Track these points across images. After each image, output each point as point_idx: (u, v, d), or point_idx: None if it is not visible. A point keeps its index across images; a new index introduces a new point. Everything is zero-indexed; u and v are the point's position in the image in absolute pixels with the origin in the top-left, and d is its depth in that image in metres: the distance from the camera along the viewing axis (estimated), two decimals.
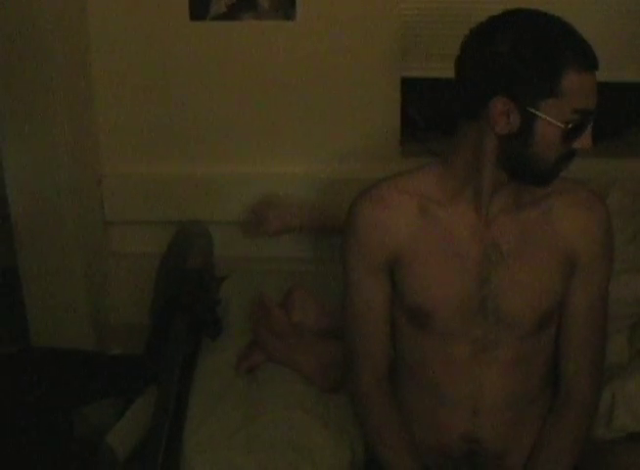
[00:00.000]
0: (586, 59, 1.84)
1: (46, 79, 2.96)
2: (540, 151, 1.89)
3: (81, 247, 3.20)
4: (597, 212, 2.08)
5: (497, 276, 2.03)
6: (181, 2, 3.06)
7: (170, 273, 2.91)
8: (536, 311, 2.05)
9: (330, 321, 2.72)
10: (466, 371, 2.08)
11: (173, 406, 2.45)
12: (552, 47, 1.84)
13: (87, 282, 3.24)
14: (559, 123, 1.85)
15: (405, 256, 2.06)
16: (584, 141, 1.88)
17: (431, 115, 3.39)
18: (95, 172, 3.27)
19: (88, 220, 3.23)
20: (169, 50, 3.14)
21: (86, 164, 3.21)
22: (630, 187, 2.93)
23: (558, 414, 2.14)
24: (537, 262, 2.04)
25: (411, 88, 3.23)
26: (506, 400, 2.09)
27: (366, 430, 2.23)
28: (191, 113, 3.21)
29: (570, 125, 1.85)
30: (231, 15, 3.07)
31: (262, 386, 2.60)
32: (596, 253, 2.08)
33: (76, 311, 3.26)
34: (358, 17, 3.05)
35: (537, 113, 1.85)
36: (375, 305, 2.12)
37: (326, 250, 3.19)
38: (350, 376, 2.23)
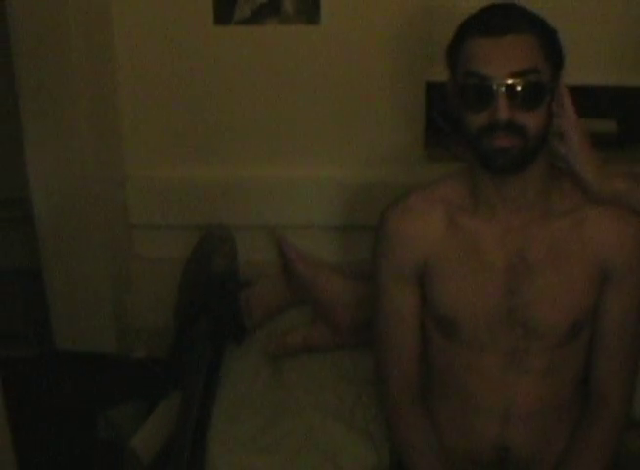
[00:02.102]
0: (484, 25, 1.89)
1: (70, 82, 2.97)
2: (462, 125, 1.96)
3: (105, 250, 3.20)
4: (631, 225, 2.05)
5: (525, 287, 2.02)
6: (206, 7, 3.06)
7: (195, 277, 2.91)
8: (566, 322, 2.03)
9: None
10: (496, 380, 2.07)
11: (197, 410, 2.46)
12: (464, 22, 1.96)
13: (111, 285, 3.25)
14: (457, 96, 1.94)
15: (433, 265, 2.06)
16: (495, 111, 1.87)
17: (455, 119, 3.37)
18: (119, 175, 3.27)
19: (112, 223, 3.23)
20: (194, 54, 3.13)
21: (110, 167, 3.22)
22: None
23: (588, 424, 2.12)
24: (568, 273, 2.03)
25: (435, 93, 3.23)
26: (537, 409, 2.09)
27: (396, 438, 2.22)
28: (215, 116, 3.20)
29: (462, 89, 1.92)
30: (255, 19, 3.07)
31: (286, 390, 2.60)
32: (629, 265, 2.06)
33: (100, 314, 3.26)
34: (383, 21, 3.04)
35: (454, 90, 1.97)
36: (405, 313, 2.13)
37: (354, 257, 3.18)
38: (381, 385, 2.23)
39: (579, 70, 3.07)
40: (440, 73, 3.02)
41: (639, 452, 2.36)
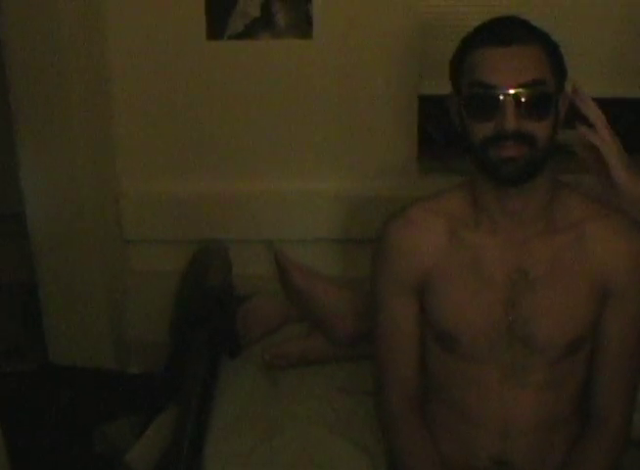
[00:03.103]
0: (488, 35, 1.88)
1: (64, 97, 2.97)
2: (468, 135, 1.92)
3: (100, 265, 3.21)
4: (633, 240, 2.02)
5: (524, 302, 2.00)
6: (198, 21, 3.08)
7: (190, 292, 2.91)
8: (566, 338, 2.02)
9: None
10: (495, 394, 2.06)
11: (193, 424, 2.46)
12: (467, 35, 1.94)
13: (106, 300, 3.25)
14: (463, 104, 1.90)
15: (433, 278, 2.05)
16: (503, 121, 1.84)
17: (448, 131, 3.39)
18: (113, 190, 3.28)
19: (107, 238, 3.24)
20: (187, 69, 3.15)
21: (105, 182, 3.22)
22: None
23: (588, 440, 2.10)
24: (568, 288, 2.01)
25: (429, 105, 3.24)
26: (536, 424, 2.07)
27: (394, 449, 2.21)
28: (209, 131, 3.21)
29: (468, 99, 1.89)
30: (248, 34, 3.08)
31: (282, 403, 2.60)
32: (631, 281, 2.02)
33: (96, 329, 3.27)
34: (375, 35, 3.06)
35: (458, 99, 1.94)
36: (404, 326, 2.12)
37: (350, 269, 3.19)
38: (380, 395, 2.23)
39: (579, 82, 3.11)
40: (433, 87, 3.08)
41: None
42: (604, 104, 2.44)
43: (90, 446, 3.01)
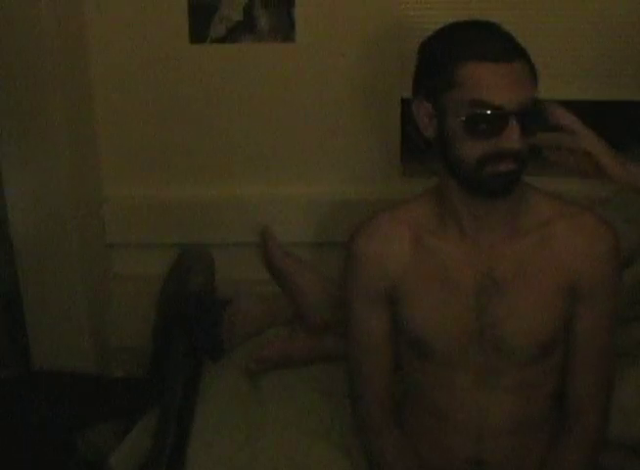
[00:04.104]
0: (485, 49, 1.80)
1: (47, 102, 2.97)
2: (457, 150, 1.87)
3: (83, 269, 3.20)
4: (602, 238, 2.01)
5: (494, 306, 2.00)
6: (181, 25, 3.08)
7: (172, 296, 2.91)
8: (537, 339, 2.01)
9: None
10: (469, 398, 2.06)
11: (175, 428, 2.45)
12: (450, 40, 1.87)
13: (89, 305, 3.24)
14: (459, 117, 1.83)
15: (402, 286, 2.05)
16: (507, 140, 1.81)
17: (432, 142, 3.39)
18: (96, 195, 3.28)
19: (90, 243, 3.24)
20: (170, 73, 3.15)
21: (87, 187, 3.22)
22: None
23: (564, 439, 2.10)
24: (537, 290, 2.00)
25: (411, 108, 3.24)
26: (511, 426, 2.07)
27: (372, 455, 2.22)
28: (192, 135, 3.22)
29: (468, 118, 1.82)
30: (231, 38, 3.08)
31: (264, 407, 2.60)
32: (600, 280, 2.01)
33: (78, 334, 3.26)
34: (357, 38, 3.06)
35: (444, 108, 1.86)
36: (376, 335, 2.12)
37: (333, 273, 3.19)
38: (355, 403, 2.23)
39: (559, 85, 3.12)
40: None
41: None
42: (584, 106, 2.46)
43: (73, 450, 2.99)
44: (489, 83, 1.79)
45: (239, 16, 3.06)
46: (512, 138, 1.81)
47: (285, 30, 3.07)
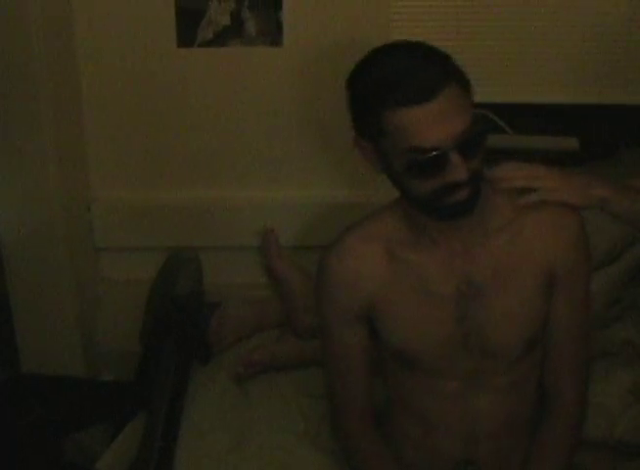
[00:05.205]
0: (405, 93, 1.74)
1: (34, 105, 2.96)
2: (407, 188, 1.85)
3: (71, 273, 3.19)
4: (567, 227, 2.02)
5: (476, 311, 2.00)
6: (168, 29, 3.08)
7: (160, 299, 2.91)
8: (522, 338, 2.03)
9: None
10: (457, 403, 2.07)
11: (163, 431, 2.46)
12: (371, 88, 1.82)
13: (77, 308, 3.23)
14: (399, 163, 1.81)
15: (380, 303, 2.04)
16: (453, 174, 1.77)
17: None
18: (84, 198, 3.27)
19: (78, 247, 3.23)
20: (157, 77, 3.14)
21: (75, 190, 3.21)
22: None
23: (545, 428, 2.12)
24: (516, 289, 2.01)
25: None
26: (501, 426, 2.08)
27: (351, 465, 2.22)
28: (180, 138, 3.21)
29: (409, 165, 1.78)
30: (218, 41, 3.08)
31: (252, 410, 2.61)
32: (571, 265, 2.04)
33: (67, 338, 3.25)
34: (345, 42, 3.06)
35: (383, 152, 1.84)
36: (352, 353, 2.11)
37: None
38: (333, 415, 2.23)
39: (541, 89, 3.14)
40: None
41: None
42: (567, 109, 2.45)
43: (61, 454, 2.99)
44: (419, 128, 1.75)
45: (226, 20, 3.05)
46: (456, 172, 1.77)
47: (272, 34, 3.07)
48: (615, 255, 2.79)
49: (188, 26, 3.07)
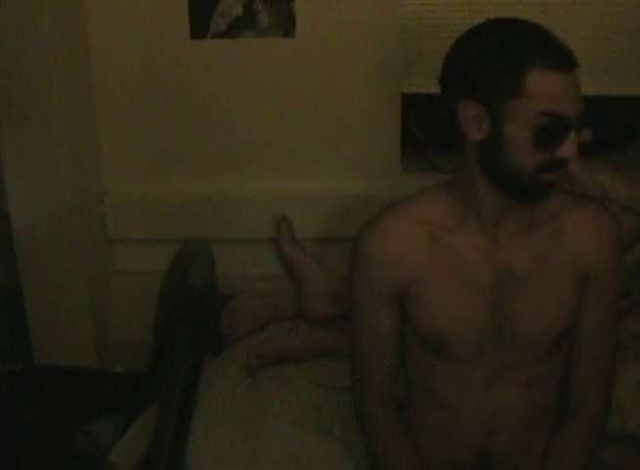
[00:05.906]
0: (555, 58, 1.76)
1: (47, 97, 2.97)
2: (515, 158, 1.83)
3: (83, 265, 3.20)
4: (606, 225, 2.04)
5: (512, 301, 2.00)
6: (181, 21, 3.08)
7: (172, 291, 2.91)
8: (553, 332, 2.02)
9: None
10: (482, 394, 2.06)
11: (175, 423, 2.46)
12: (516, 45, 1.79)
13: (90, 300, 3.24)
14: (525, 127, 1.79)
15: (417, 286, 2.02)
16: (567, 150, 1.80)
17: (431, 130, 3.39)
18: (97, 190, 3.28)
19: (90, 238, 3.24)
20: (170, 68, 3.14)
21: (88, 182, 3.22)
22: None
23: (568, 427, 2.10)
24: (553, 283, 2.01)
25: (412, 103, 3.25)
26: (522, 419, 2.07)
27: (372, 451, 2.20)
28: (192, 130, 3.21)
29: (537, 129, 1.78)
30: (231, 33, 3.08)
31: (264, 401, 2.60)
32: (607, 265, 2.04)
33: (79, 329, 3.26)
34: (358, 33, 3.06)
35: (504, 115, 1.80)
36: (382, 335, 2.09)
37: (333, 268, 3.19)
38: (356, 399, 2.22)
39: None
40: (416, 85, 3.08)
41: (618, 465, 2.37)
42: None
43: (73, 445, 3.00)
44: (560, 95, 1.77)
45: (239, 11, 3.05)
46: (571, 148, 1.80)
47: (285, 26, 3.07)
48: (628, 246, 2.78)
49: (201, 18, 3.07)
